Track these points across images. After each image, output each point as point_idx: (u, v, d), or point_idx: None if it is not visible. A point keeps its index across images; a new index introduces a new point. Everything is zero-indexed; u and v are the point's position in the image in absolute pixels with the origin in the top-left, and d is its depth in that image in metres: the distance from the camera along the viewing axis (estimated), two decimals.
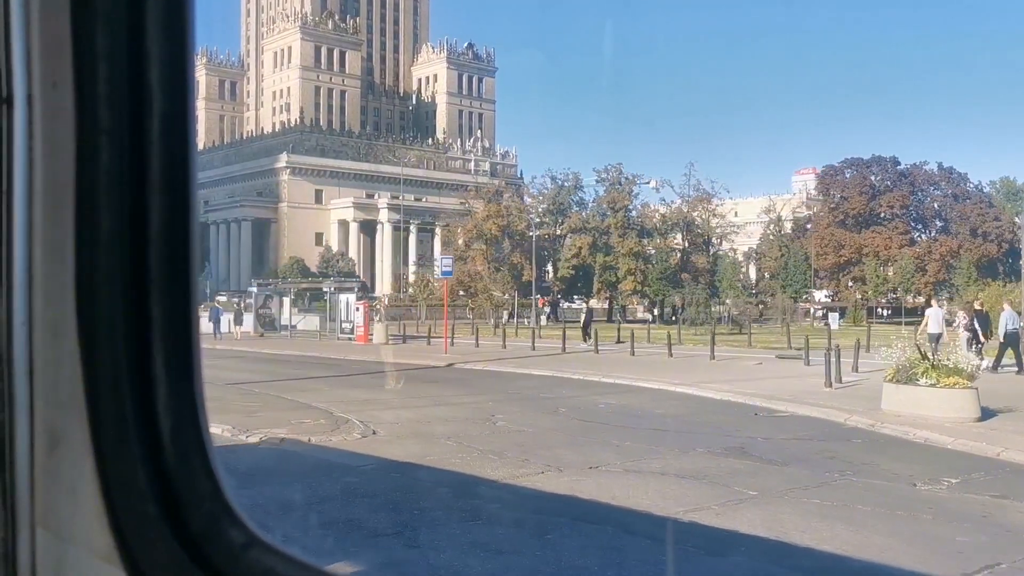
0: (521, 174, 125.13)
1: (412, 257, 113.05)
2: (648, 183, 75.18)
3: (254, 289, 51.13)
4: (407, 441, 12.83)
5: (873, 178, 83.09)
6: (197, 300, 1.51)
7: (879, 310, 75.01)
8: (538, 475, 10.26)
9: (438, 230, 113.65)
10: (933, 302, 31.30)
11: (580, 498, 9.09)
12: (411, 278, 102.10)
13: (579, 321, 50.79)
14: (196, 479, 1.46)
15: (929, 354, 14.64)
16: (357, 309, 39.03)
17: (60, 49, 1.37)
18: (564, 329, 39.64)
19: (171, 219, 1.41)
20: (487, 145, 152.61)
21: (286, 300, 46.94)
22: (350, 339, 38.84)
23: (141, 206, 1.39)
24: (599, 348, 31.37)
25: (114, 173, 1.37)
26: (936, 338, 23.49)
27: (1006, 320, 23.20)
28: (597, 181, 75.32)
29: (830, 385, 18.54)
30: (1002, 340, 23.34)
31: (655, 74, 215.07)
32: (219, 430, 13.09)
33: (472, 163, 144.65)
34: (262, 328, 45.01)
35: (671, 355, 28.68)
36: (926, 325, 25.24)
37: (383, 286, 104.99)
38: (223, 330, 43.96)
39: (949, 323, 28.35)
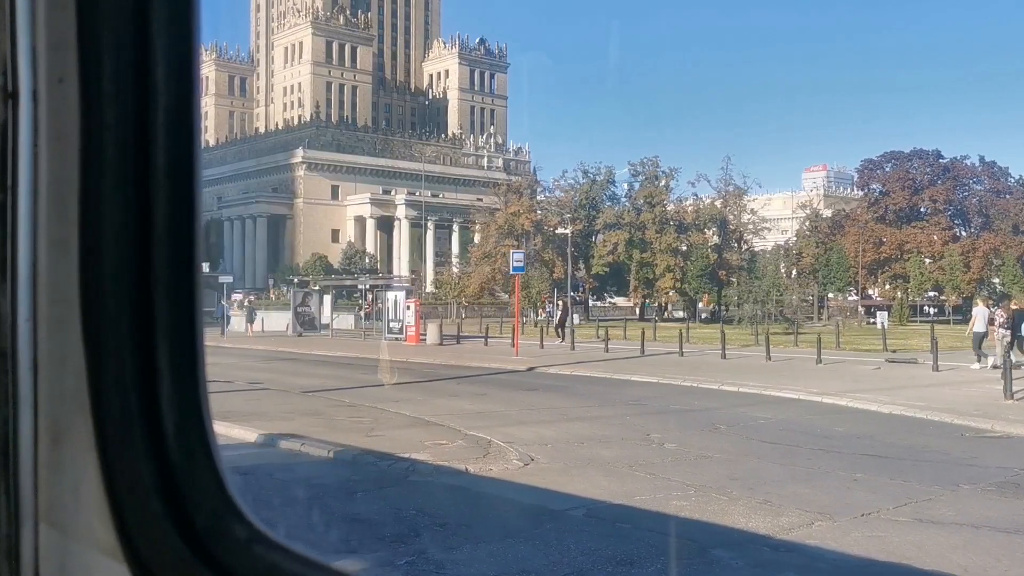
0: (534, 170, 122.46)
1: (430, 254, 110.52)
2: (672, 177, 72.72)
3: (275, 284, 48.75)
4: (586, 471, 10.38)
5: (914, 172, 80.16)
6: (201, 296, 1.47)
7: (926, 308, 72.15)
8: (809, 527, 7.82)
9: (456, 226, 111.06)
10: (979, 301, 29.03)
11: (919, 570, 6.65)
12: (430, 275, 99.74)
13: (619, 319, 48.68)
14: (200, 475, 1.44)
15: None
16: (408, 307, 36.46)
17: (65, 44, 1.34)
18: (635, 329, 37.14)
19: (175, 215, 1.39)
20: (500, 141, 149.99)
21: (326, 298, 44.30)
22: (398, 339, 36.34)
23: (145, 202, 1.36)
24: (683, 351, 28.77)
25: (119, 169, 1.35)
26: (981, 336, 23.49)
27: None
28: (632, 175, 72.69)
29: (1011, 396, 16.06)
30: None
31: (664, 72, 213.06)
32: (351, 457, 10.71)
33: (485, 159, 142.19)
34: (301, 328, 42.40)
35: (770, 358, 26.18)
36: (973, 324, 24.40)
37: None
38: (230, 328, 41.67)
39: (991, 321, 26.53)
